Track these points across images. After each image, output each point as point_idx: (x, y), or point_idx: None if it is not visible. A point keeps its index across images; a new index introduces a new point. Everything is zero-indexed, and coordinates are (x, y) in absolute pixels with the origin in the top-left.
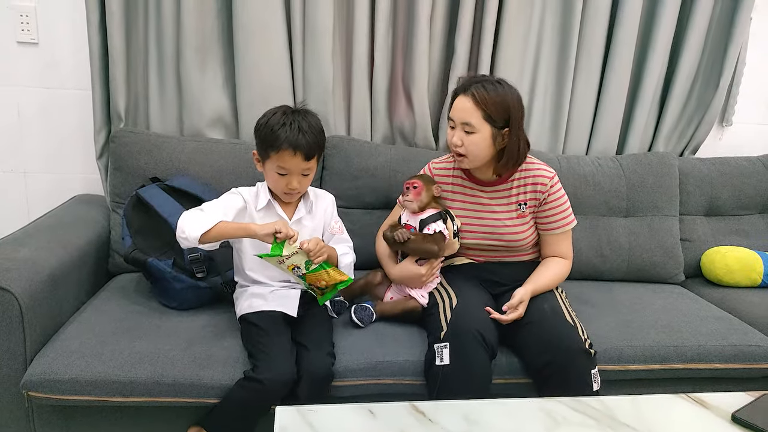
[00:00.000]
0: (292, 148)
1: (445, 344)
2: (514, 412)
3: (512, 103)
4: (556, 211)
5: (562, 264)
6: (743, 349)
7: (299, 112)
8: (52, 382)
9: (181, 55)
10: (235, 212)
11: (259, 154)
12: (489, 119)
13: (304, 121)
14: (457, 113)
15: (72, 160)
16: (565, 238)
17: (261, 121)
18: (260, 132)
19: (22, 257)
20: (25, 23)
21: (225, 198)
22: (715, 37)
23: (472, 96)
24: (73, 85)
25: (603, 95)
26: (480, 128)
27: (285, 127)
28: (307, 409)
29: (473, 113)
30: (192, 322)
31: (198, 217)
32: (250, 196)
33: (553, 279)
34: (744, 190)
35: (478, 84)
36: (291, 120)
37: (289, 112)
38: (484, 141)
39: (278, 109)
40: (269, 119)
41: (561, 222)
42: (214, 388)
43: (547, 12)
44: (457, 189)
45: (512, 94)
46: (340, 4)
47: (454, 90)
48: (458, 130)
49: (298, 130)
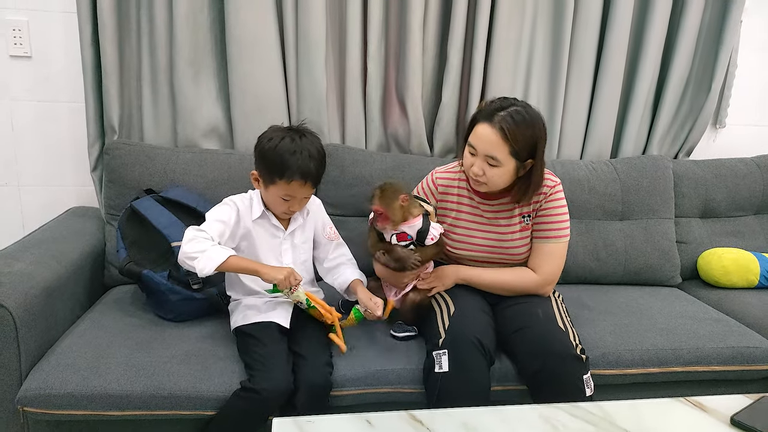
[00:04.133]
0: (303, 178)
1: (443, 351)
2: (513, 419)
3: (539, 136)
4: (548, 221)
5: (528, 276)
6: (741, 350)
7: (305, 136)
8: (48, 396)
9: (174, 67)
10: (232, 227)
11: (261, 176)
12: (515, 155)
13: (312, 146)
14: (482, 144)
15: (66, 173)
16: (548, 253)
17: (267, 144)
18: (266, 156)
19: (16, 271)
20: (17, 37)
21: (222, 212)
22: (706, 40)
23: (501, 129)
24: (66, 97)
25: (596, 100)
26: (505, 163)
27: (296, 155)
28: (304, 420)
29: (499, 147)
30: (188, 334)
31: (204, 247)
32: (244, 206)
33: (501, 280)
34: (738, 191)
35: (506, 113)
36: (300, 147)
37: (297, 137)
38: (507, 174)
39: (284, 132)
40: (277, 144)
41: (548, 234)
42: (211, 400)
43: (539, 19)
44: (463, 201)
45: (539, 124)
46: (333, 15)
47: (476, 114)
48: (480, 159)
49: (309, 157)
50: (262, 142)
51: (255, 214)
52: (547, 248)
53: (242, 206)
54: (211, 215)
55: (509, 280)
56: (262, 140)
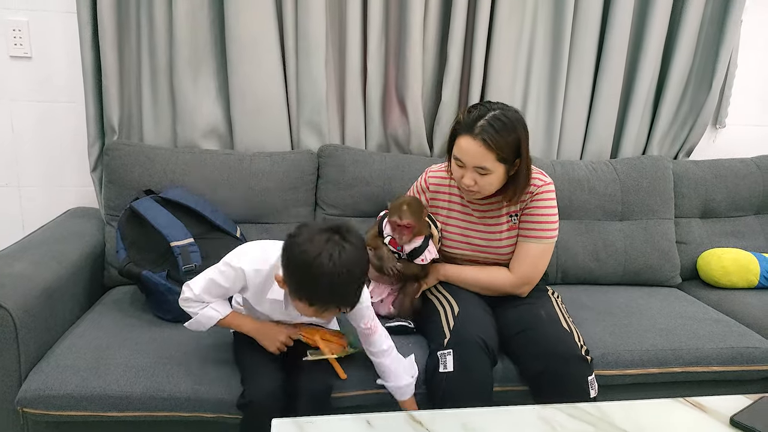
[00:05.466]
0: (339, 308)
1: (449, 351)
2: (512, 419)
3: (522, 135)
4: (532, 219)
5: (502, 275)
6: (741, 351)
7: (348, 242)
8: (48, 398)
9: (174, 67)
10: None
11: (288, 287)
12: (502, 160)
13: (354, 260)
14: (468, 158)
15: (66, 174)
16: (526, 252)
17: (299, 256)
18: (296, 272)
19: (16, 272)
20: (17, 37)
21: (226, 279)
22: (706, 40)
23: (483, 141)
24: (66, 98)
25: (596, 100)
26: (495, 170)
27: (333, 282)
28: (304, 420)
29: (486, 157)
30: (187, 335)
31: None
32: (255, 279)
33: (479, 279)
34: (738, 191)
35: (485, 122)
36: (340, 267)
37: (336, 250)
38: (498, 179)
39: (321, 240)
40: (312, 261)
41: (531, 232)
42: (210, 402)
43: (539, 18)
44: (454, 200)
45: (519, 124)
46: (333, 15)
47: (455, 126)
48: (470, 171)
49: (349, 282)
50: (293, 249)
51: (272, 294)
52: (527, 248)
53: (252, 279)
54: (212, 279)
55: (483, 279)
56: (293, 246)
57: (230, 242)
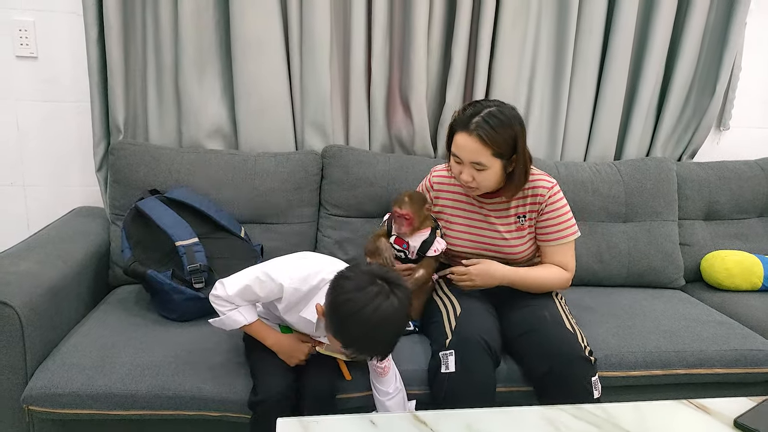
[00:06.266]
0: (372, 357)
1: (450, 352)
2: (516, 420)
3: (518, 131)
4: (555, 222)
5: (560, 272)
6: (745, 353)
7: (395, 294)
8: (53, 396)
9: (179, 67)
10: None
11: (327, 322)
12: (499, 155)
13: (399, 322)
14: (465, 153)
15: (71, 173)
16: (565, 250)
17: (346, 304)
18: (341, 316)
19: (22, 270)
20: (24, 37)
21: (262, 288)
22: (710, 42)
23: (479, 136)
24: (72, 98)
25: (600, 102)
26: (491, 165)
27: (373, 341)
28: (309, 420)
29: (482, 153)
30: (192, 333)
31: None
32: (292, 297)
33: (542, 280)
34: (742, 193)
35: (480, 119)
36: (387, 320)
37: (382, 309)
38: (495, 174)
39: (369, 299)
40: (358, 311)
41: (559, 234)
42: (215, 401)
43: (543, 21)
44: (458, 198)
45: (515, 120)
46: (337, 16)
47: (452, 123)
48: (467, 167)
49: (394, 334)
50: (340, 293)
51: (305, 313)
52: (563, 248)
53: (290, 295)
54: (248, 285)
55: (550, 276)
56: (341, 291)
57: (235, 242)
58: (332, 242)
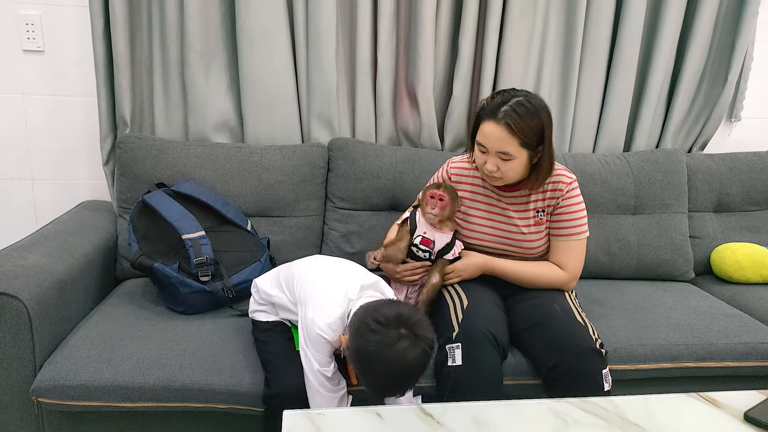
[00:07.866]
0: (397, 397)
1: (457, 345)
2: (524, 413)
3: (545, 121)
4: (567, 218)
5: (554, 271)
6: (755, 346)
7: (418, 352)
8: (62, 388)
9: (185, 61)
10: None
11: (348, 359)
12: (526, 146)
13: (420, 367)
14: (491, 142)
15: (78, 167)
16: (571, 248)
17: (369, 348)
18: (363, 359)
19: (30, 264)
20: (30, 31)
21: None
22: (722, 32)
23: (507, 125)
24: (78, 92)
25: (609, 93)
26: (518, 155)
27: (393, 383)
28: (314, 412)
29: (509, 142)
30: (199, 326)
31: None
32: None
33: (533, 276)
34: (753, 185)
35: (508, 108)
36: (404, 370)
37: (405, 355)
38: (521, 165)
39: (392, 344)
40: (379, 358)
41: (569, 231)
42: (222, 393)
43: (551, 11)
44: (477, 190)
45: (543, 110)
46: (343, 7)
47: (479, 112)
48: (492, 156)
49: (408, 379)
50: (363, 335)
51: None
52: (569, 245)
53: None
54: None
55: (538, 272)
56: (365, 333)
57: (241, 235)
58: (339, 235)
